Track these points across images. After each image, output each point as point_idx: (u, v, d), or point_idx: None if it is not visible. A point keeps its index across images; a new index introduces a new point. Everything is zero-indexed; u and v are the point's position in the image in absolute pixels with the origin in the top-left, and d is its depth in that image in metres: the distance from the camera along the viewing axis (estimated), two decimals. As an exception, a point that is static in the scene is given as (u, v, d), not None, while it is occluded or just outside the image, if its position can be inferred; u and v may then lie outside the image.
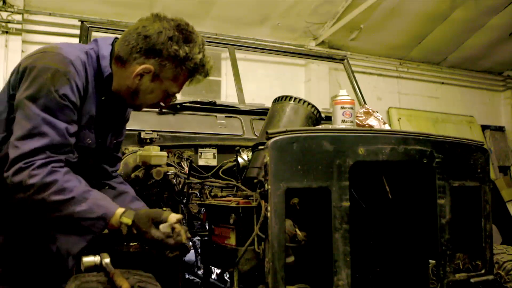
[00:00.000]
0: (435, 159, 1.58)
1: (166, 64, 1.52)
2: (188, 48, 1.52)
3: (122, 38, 1.56)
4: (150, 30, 1.51)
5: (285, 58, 6.04)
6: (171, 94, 1.62)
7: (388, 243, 1.78)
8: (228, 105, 2.76)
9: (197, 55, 1.54)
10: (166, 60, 1.51)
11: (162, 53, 1.50)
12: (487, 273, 1.71)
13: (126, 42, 1.53)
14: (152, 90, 1.57)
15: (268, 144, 1.33)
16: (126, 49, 1.52)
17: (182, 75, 1.56)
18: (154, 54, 1.50)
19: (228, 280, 2.10)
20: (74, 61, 1.46)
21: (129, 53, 1.52)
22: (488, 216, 1.73)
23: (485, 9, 6.08)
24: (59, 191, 1.34)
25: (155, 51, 1.50)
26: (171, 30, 1.51)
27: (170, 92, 1.61)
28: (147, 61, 1.51)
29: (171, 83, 1.57)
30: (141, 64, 1.51)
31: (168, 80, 1.56)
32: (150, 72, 1.52)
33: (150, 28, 1.51)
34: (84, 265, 1.42)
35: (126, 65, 1.54)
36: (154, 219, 1.39)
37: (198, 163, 2.31)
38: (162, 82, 1.56)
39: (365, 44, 6.58)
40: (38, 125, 1.37)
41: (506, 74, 8.12)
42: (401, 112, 6.99)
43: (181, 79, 1.58)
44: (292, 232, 1.46)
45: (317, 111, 2.01)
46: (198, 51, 1.55)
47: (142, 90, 1.57)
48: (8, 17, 4.85)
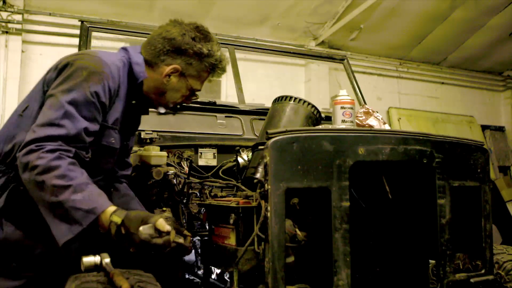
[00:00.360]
0: (435, 159, 1.58)
1: (192, 62, 1.68)
2: (210, 46, 1.69)
3: (146, 45, 1.70)
4: (174, 33, 1.66)
5: (285, 58, 6.04)
6: (195, 91, 1.76)
7: (388, 243, 1.78)
8: (228, 105, 2.76)
9: (216, 52, 1.71)
10: (192, 58, 1.67)
11: (187, 52, 1.66)
12: (487, 273, 1.71)
13: (152, 46, 1.67)
14: (179, 88, 1.72)
15: (268, 144, 1.33)
16: (153, 53, 1.66)
17: (205, 71, 1.73)
18: (181, 53, 1.66)
19: (228, 280, 2.10)
20: (110, 65, 1.57)
21: (156, 56, 1.66)
22: (488, 216, 1.73)
23: (485, 9, 6.07)
24: (61, 176, 1.35)
25: (181, 51, 1.65)
26: (192, 31, 1.68)
27: (194, 89, 1.75)
28: (174, 62, 1.66)
29: (195, 80, 1.73)
30: (169, 65, 1.66)
31: (192, 78, 1.72)
32: (177, 72, 1.67)
33: (173, 32, 1.66)
34: (84, 265, 1.42)
35: (154, 68, 1.68)
36: (144, 220, 1.37)
37: (198, 163, 2.32)
38: (187, 80, 1.71)
39: (365, 44, 6.58)
40: (59, 117, 1.42)
41: (506, 74, 8.11)
42: (401, 112, 6.98)
43: (203, 75, 1.74)
44: (292, 232, 1.46)
45: (317, 111, 2.01)
46: (217, 49, 1.72)
47: (169, 89, 1.70)
48: (8, 17, 4.84)
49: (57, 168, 1.36)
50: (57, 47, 5.05)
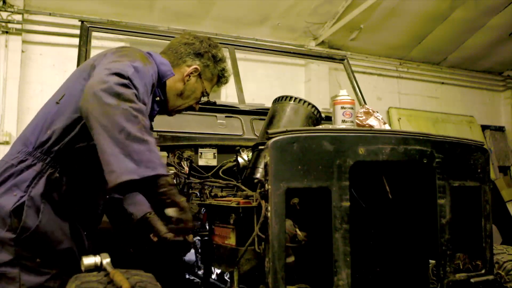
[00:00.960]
0: (435, 159, 1.58)
1: (209, 65, 1.87)
2: (222, 53, 1.92)
3: (166, 50, 1.87)
4: (193, 40, 1.88)
5: (285, 58, 6.04)
6: (206, 94, 1.91)
7: (388, 243, 1.78)
8: (228, 105, 2.76)
9: (226, 59, 1.94)
10: (209, 60, 1.86)
11: (206, 55, 1.86)
12: (487, 273, 1.71)
13: (173, 51, 1.85)
14: (195, 89, 1.87)
15: (268, 144, 1.33)
16: (176, 55, 1.84)
17: (216, 76, 1.92)
18: (200, 56, 1.85)
19: (228, 280, 2.10)
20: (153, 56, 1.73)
21: (179, 58, 1.83)
22: (488, 216, 1.73)
23: (485, 9, 6.07)
24: (148, 126, 1.36)
25: (200, 54, 1.85)
26: (207, 40, 1.91)
27: (206, 92, 1.90)
28: (194, 63, 1.84)
29: (208, 83, 1.90)
30: (190, 66, 1.83)
31: (207, 80, 1.89)
32: (197, 72, 1.84)
33: (193, 39, 1.88)
34: (84, 265, 1.42)
35: (177, 68, 1.82)
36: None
37: (198, 163, 2.32)
38: (202, 82, 1.87)
39: (365, 44, 6.58)
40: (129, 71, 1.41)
41: (506, 74, 8.11)
42: (401, 112, 6.98)
43: (214, 80, 1.93)
44: (292, 232, 1.46)
45: (317, 111, 2.01)
46: (225, 57, 1.95)
47: (187, 89, 1.85)
48: (8, 17, 4.84)
49: (146, 117, 1.37)
50: (57, 47, 5.06)
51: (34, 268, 1.50)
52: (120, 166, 1.26)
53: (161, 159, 1.35)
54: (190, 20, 5.56)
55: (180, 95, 1.85)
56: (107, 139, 1.28)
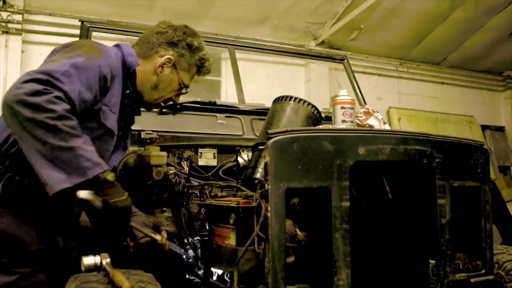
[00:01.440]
0: (435, 159, 1.58)
1: (184, 54, 1.76)
2: (199, 41, 1.79)
3: (139, 41, 1.79)
4: (166, 29, 1.77)
5: (285, 58, 6.03)
6: (184, 86, 1.80)
7: (388, 243, 1.78)
8: (228, 105, 2.76)
9: (205, 47, 1.81)
10: (183, 49, 1.75)
11: (180, 44, 1.75)
12: (487, 273, 1.71)
13: (145, 41, 1.76)
14: (171, 81, 1.77)
15: (268, 144, 1.33)
16: (148, 46, 1.74)
17: (194, 65, 1.80)
18: (173, 45, 1.74)
19: (228, 280, 2.10)
20: (108, 49, 1.64)
21: (150, 48, 1.73)
22: (488, 216, 1.73)
23: (485, 9, 6.08)
24: (73, 127, 1.34)
25: (174, 43, 1.74)
26: (182, 28, 1.79)
27: (184, 84, 1.79)
28: (167, 53, 1.74)
29: (186, 74, 1.79)
30: (162, 56, 1.73)
31: (183, 71, 1.78)
32: (170, 62, 1.74)
33: (166, 28, 1.77)
34: (84, 265, 1.43)
35: (148, 59, 1.73)
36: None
37: (198, 163, 2.31)
38: (178, 73, 1.76)
39: (365, 44, 6.58)
40: (60, 72, 1.37)
41: (506, 74, 8.12)
42: (401, 112, 6.98)
43: (193, 70, 1.81)
44: (292, 232, 1.46)
45: (317, 111, 2.01)
46: (204, 45, 1.82)
47: (162, 81, 1.75)
48: (8, 17, 4.84)
49: (70, 119, 1.34)
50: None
51: (2, 268, 1.50)
52: (51, 178, 1.32)
53: (93, 157, 1.37)
54: (190, 20, 5.52)
55: (155, 87, 1.75)
56: (33, 153, 1.32)
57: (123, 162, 1.98)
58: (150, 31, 1.78)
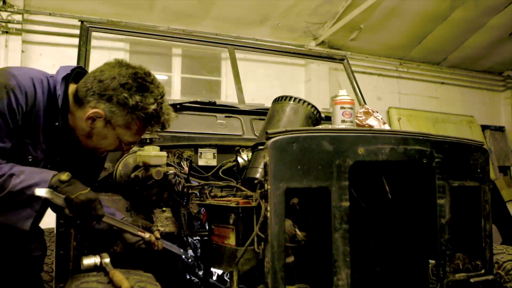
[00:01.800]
0: (435, 159, 1.58)
1: (115, 111, 1.51)
2: (140, 98, 1.50)
3: (84, 79, 1.57)
4: (105, 75, 1.52)
5: (285, 58, 6.04)
6: (125, 142, 1.60)
7: (388, 243, 1.78)
8: (228, 105, 2.76)
9: (150, 105, 1.52)
10: (115, 106, 1.50)
11: (112, 99, 1.50)
12: (487, 273, 1.71)
13: (84, 84, 1.54)
14: (105, 135, 1.56)
15: (268, 144, 1.33)
16: (83, 90, 1.53)
17: (134, 124, 1.55)
18: (105, 99, 1.50)
19: (228, 280, 2.10)
20: (19, 76, 1.46)
21: (84, 95, 1.53)
22: (488, 216, 1.73)
23: (485, 9, 6.08)
24: None
25: (106, 96, 1.50)
26: (125, 77, 1.51)
27: (124, 141, 1.59)
28: (98, 106, 1.51)
29: (124, 131, 1.56)
30: (93, 108, 1.51)
31: (120, 128, 1.55)
32: (101, 117, 1.52)
33: (106, 73, 1.52)
34: (84, 265, 1.43)
35: (81, 107, 1.54)
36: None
37: (198, 163, 2.31)
38: (114, 129, 1.55)
39: (365, 44, 6.58)
40: None
41: (506, 74, 8.12)
42: (401, 112, 6.99)
43: (134, 128, 1.56)
44: (292, 232, 1.46)
45: (317, 111, 2.01)
46: (153, 101, 1.52)
47: (95, 134, 1.56)
48: (8, 17, 4.84)
49: None
50: (57, 47, 5.07)
51: None
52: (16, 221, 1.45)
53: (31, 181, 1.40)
54: (190, 20, 5.56)
55: (89, 137, 1.57)
56: None
57: (123, 162, 1.99)
58: (94, 71, 1.56)
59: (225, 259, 1.56)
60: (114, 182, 1.97)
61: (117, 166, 2.00)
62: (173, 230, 1.88)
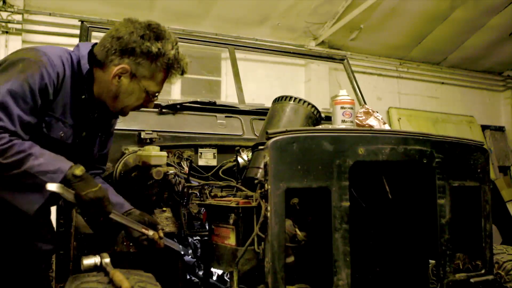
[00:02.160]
0: (435, 159, 1.58)
1: (141, 62, 1.56)
2: (161, 44, 1.56)
3: (99, 44, 1.60)
4: (122, 32, 1.56)
5: (285, 58, 6.04)
6: (151, 93, 1.63)
7: (388, 243, 1.78)
8: (228, 105, 2.76)
9: (170, 50, 1.58)
10: (140, 57, 1.55)
11: (135, 51, 1.54)
12: (487, 273, 1.71)
13: (102, 46, 1.58)
14: (132, 91, 1.60)
15: (268, 144, 1.33)
16: (103, 53, 1.57)
17: (159, 71, 1.60)
18: (128, 53, 1.55)
19: (228, 280, 2.10)
20: (48, 53, 1.51)
21: (105, 56, 1.56)
22: (488, 216, 1.73)
23: (485, 9, 6.08)
24: (16, 152, 1.38)
25: (128, 50, 1.54)
26: (141, 29, 1.56)
27: (150, 92, 1.63)
28: (122, 62, 1.55)
29: (149, 82, 1.61)
30: (117, 65, 1.55)
31: (146, 79, 1.59)
32: (127, 72, 1.56)
33: (122, 30, 1.56)
34: (84, 265, 1.43)
35: (104, 69, 1.58)
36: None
37: (198, 163, 2.32)
38: (140, 81, 1.59)
39: (365, 44, 6.58)
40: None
41: (506, 74, 8.12)
42: (401, 112, 6.99)
43: (158, 76, 1.61)
44: (292, 232, 1.46)
45: (317, 111, 2.01)
46: (171, 47, 1.59)
47: (122, 91, 1.60)
48: (8, 17, 4.85)
49: (10, 148, 1.37)
50: (57, 47, 5.06)
51: None
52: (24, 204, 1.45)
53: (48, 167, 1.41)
54: (190, 20, 5.56)
55: (116, 97, 1.61)
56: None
57: (123, 162, 1.99)
58: (108, 33, 1.59)
59: (225, 259, 1.57)
60: (114, 182, 1.97)
61: (117, 166, 2.00)
62: (173, 230, 1.88)
